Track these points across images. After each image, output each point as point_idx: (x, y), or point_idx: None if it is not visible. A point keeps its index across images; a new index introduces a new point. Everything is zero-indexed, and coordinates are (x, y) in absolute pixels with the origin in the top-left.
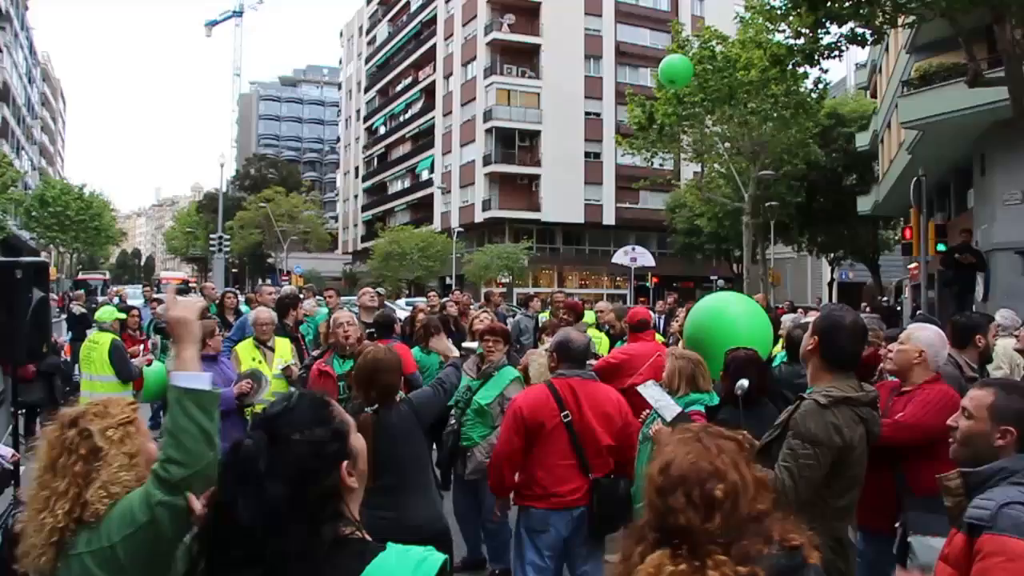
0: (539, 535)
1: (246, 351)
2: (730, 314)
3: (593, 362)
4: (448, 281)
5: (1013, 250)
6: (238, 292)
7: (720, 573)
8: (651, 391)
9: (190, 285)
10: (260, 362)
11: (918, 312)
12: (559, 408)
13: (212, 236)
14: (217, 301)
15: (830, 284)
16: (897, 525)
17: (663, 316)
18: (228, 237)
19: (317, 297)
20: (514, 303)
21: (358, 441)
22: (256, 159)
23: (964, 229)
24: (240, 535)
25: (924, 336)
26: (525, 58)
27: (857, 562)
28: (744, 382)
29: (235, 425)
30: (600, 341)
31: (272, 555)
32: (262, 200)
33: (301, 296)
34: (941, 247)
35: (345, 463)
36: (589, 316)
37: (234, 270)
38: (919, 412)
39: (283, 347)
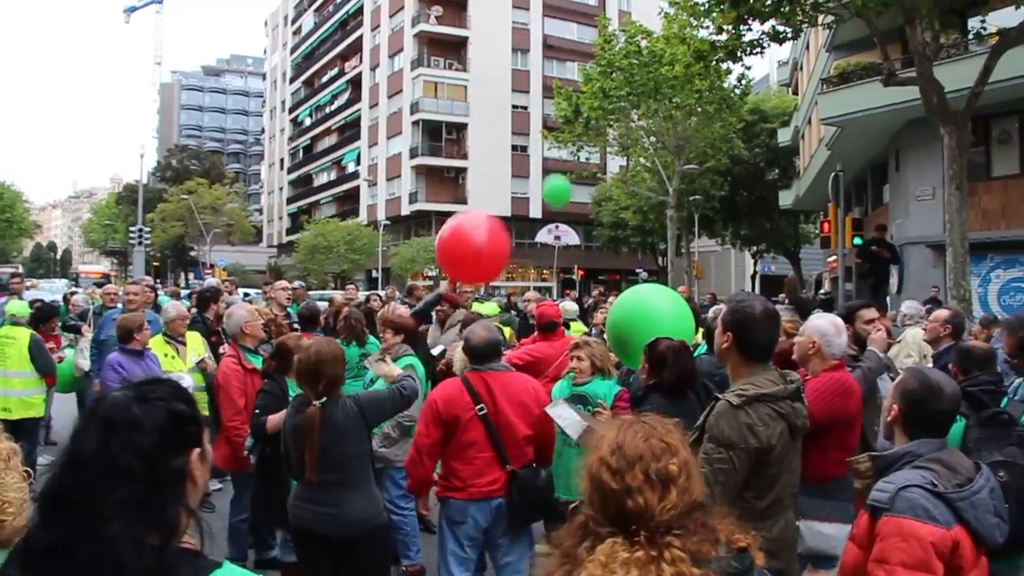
0: (459, 526)
1: (157, 347)
2: (653, 306)
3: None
4: (374, 274)
5: (925, 244)
6: (157, 286)
7: (676, 570)
8: (557, 410)
9: (110, 278)
10: (173, 357)
11: (827, 303)
12: (474, 401)
13: (132, 229)
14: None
15: (753, 277)
16: None
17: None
18: (149, 230)
19: (249, 291)
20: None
21: (208, 444)
22: (178, 150)
23: (879, 224)
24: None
25: (816, 326)
26: (452, 50)
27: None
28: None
29: None
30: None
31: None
32: (184, 192)
33: (224, 290)
34: (858, 241)
35: (198, 451)
36: (491, 308)
37: (155, 263)
38: (808, 401)
39: (195, 341)
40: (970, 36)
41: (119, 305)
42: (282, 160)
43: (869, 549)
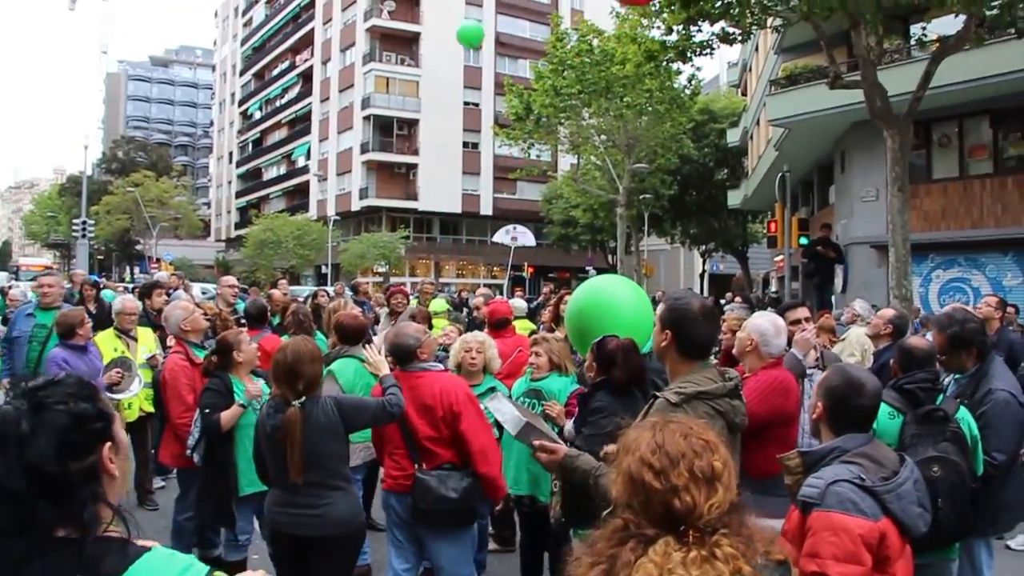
0: (390, 513)
1: (107, 341)
2: (614, 297)
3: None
4: (324, 270)
5: (869, 244)
6: (99, 282)
7: (732, 567)
8: (495, 404)
9: (53, 270)
10: (123, 352)
11: (776, 302)
12: None
13: (75, 221)
14: (78, 290)
15: (702, 275)
16: None
17: (538, 306)
18: (93, 222)
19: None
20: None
21: (121, 433)
22: (124, 141)
23: (824, 224)
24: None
25: (755, 324)
26: (405, 46)
27: None
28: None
29: None
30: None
31: (35, 529)
32: (130, 184)
33: (172, 285)
34: (804, 240)
35: (108, 445)
36: (439, 304)
37: (99, 257)
38: (746, 399)
39: (146, 336)
40: (912, 42)
41: (31, 302)
42: (231, 153)
43: (800, 544)
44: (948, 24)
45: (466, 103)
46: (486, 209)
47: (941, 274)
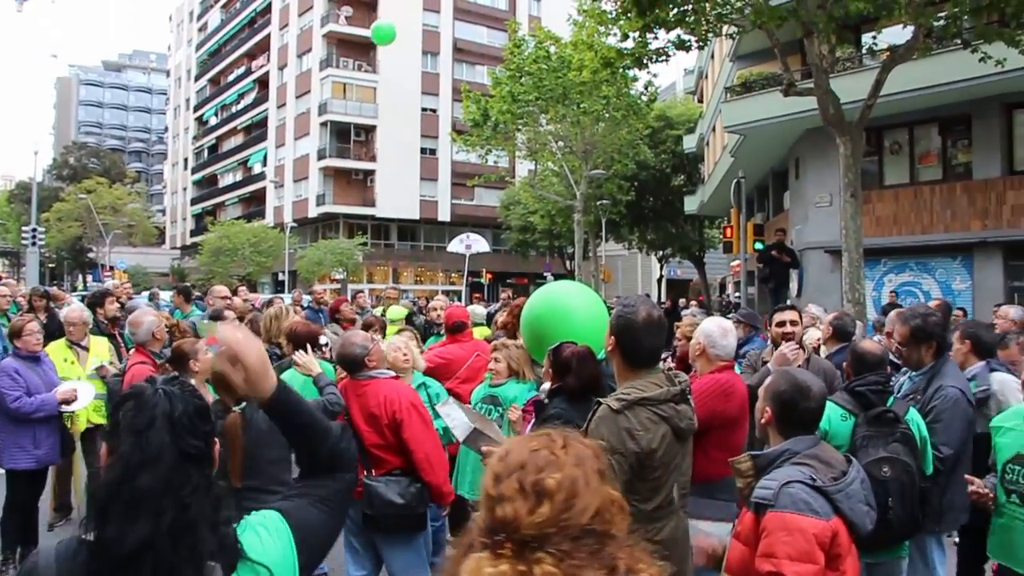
0: (346, 520)
1: (58, 352)
2: (570, 305)
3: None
4: (281, 277)
5: (823, 249)
6: (47, 292)
7: (547, 567)
8: (445, 410)
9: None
10: (72, 363)
11: (736, 307)
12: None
13: (25, 229)
14: (26, 300)
15: (659, 281)
16: None
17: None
18: (44, 230)
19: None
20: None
21: None
22: (76, 147)
23: (779, 229)
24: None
25: (703, 328)
26: (362, 51)
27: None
28: None
29: (52, 432)
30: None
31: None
32: (82, 191)
33: (120, 293)
34: (759, 245)
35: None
36: (399, 312)
37: (51, 265)
38: None
39: (99, 346)
40: (864, 51)
41: None
42: (186, 160)
43: (754, 546)
44: (898, 34)
45: (424, 109)
46: (444, 215)
47: (893, 278)
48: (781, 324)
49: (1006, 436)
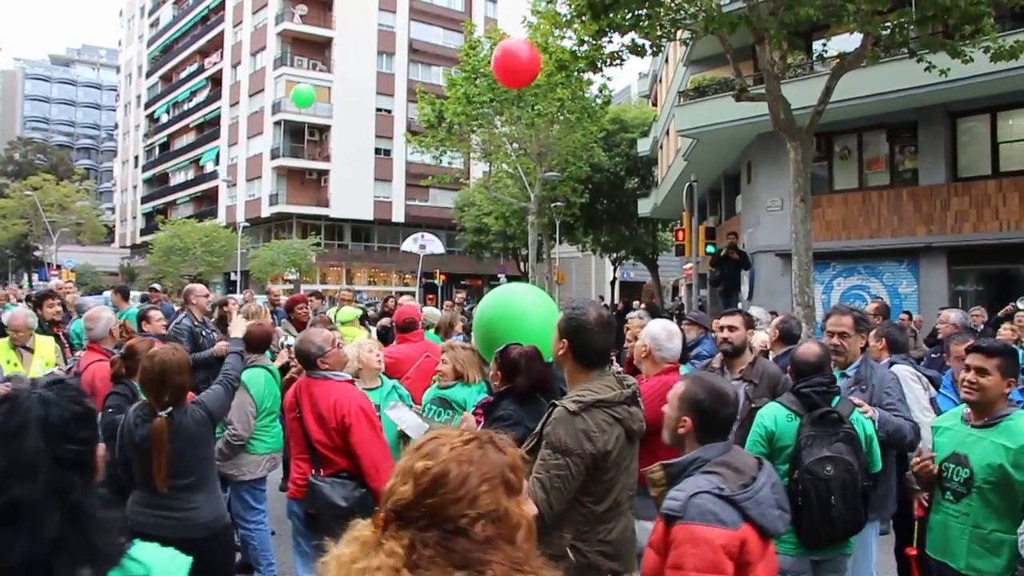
0: (294, 520)
1: (0, 353)
2: (521, 307)
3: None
4: (233, 277)
5: (774, 252)
6: None
7: (386, 563)
8: (395, 412)
9: None
10: (16, 364)
11: (683, 310)
12: (295, 405)
13: None
14: None
15: (612, 283)
16: None
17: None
18: None
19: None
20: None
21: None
22: (21, 143)
23: (731, 232)
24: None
25: (648, 331)
26: (317, 51)
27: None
28: None
29: None
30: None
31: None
32: (28, 188)
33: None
34: (711, 249)
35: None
36: (348, 313)
37: None
38: None
39: (45, 347)
40: (814, 58)
41: None
42: (136, 157)
43: (666, 555)
44: (847, 42)
45: (379, 109)
46: (398, 216)
47: (842, 281)
48: (721, 329)
49: (943, 436)
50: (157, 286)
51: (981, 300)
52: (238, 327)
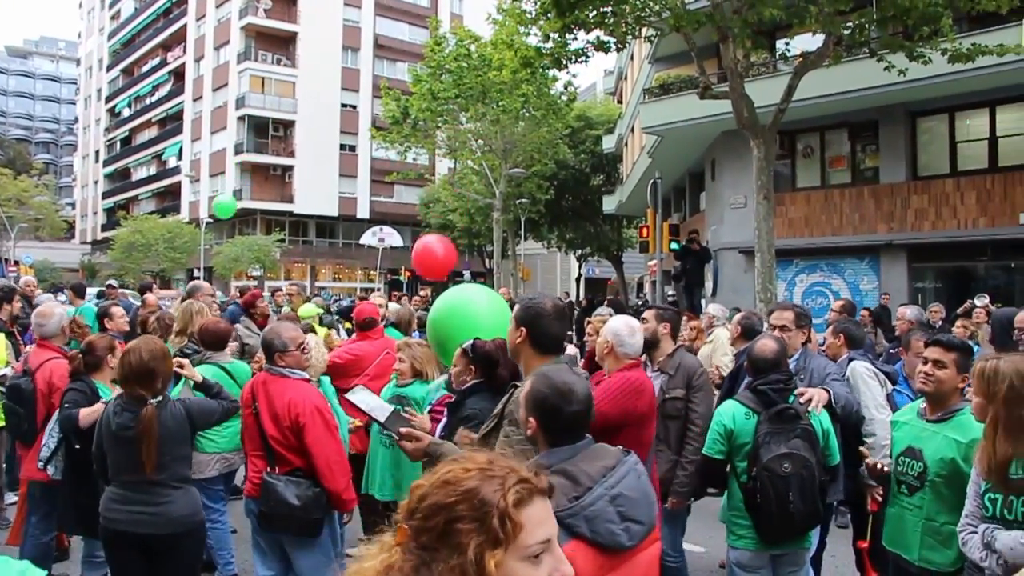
0: (252, 519)
1: None
2: (471, 306)
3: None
4: (196, 274)
5: (738, 249)
6: None
7: (391, 560)
8: (359, 396)
9: None
10: None
11: (644, 306)
12: (252, 400)
13: None
14: None
15: (578, 279)
16: None
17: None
18: None
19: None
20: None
21: None
22: None
23: (692, 230)
24: None
25: (610, 326)
26: (281, 45)
27: None
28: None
29: None
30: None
31: None
32: None
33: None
34: (674, 246)
35: None
36: (309, 309)
37: None
38: (598, 400)
39: None
40: (778, 56)
41: None
42: (97, 152)
43: None
44: (810, 41)
45: (343, 105)
46: (363, 212)
47: (804, 278)
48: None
49: (900, 430)
50: (114, 282)
51: (940, 296)
52: (194, 373)
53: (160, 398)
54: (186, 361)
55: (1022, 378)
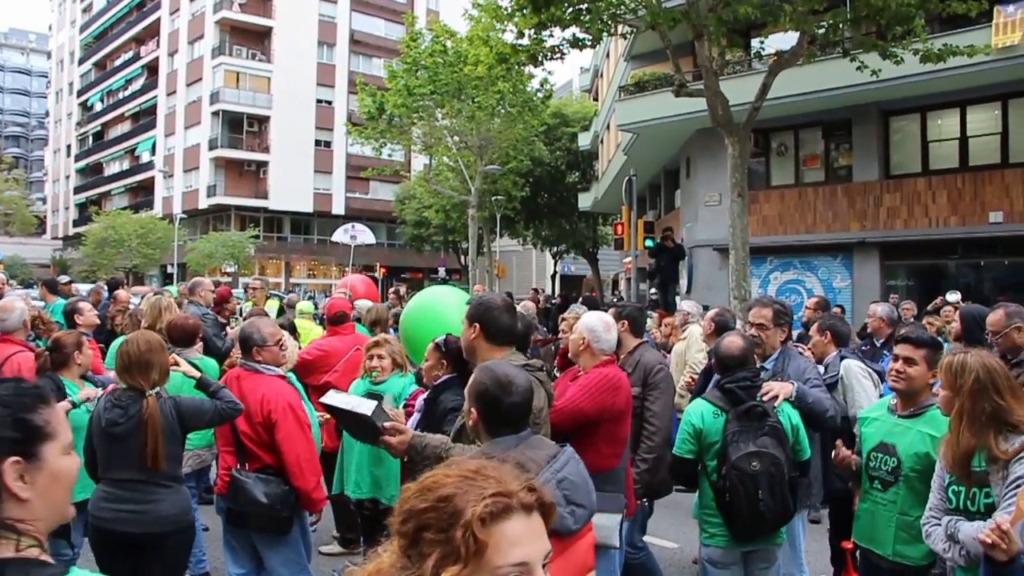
0: (222, 515)
1: None
2: (441, 307)
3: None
4: (170, 270)
5: (712, 247)
6: None
7: (388, 561)
8: (336, 398)
9: None
10: None
11: (619, 301)
12: None
13: None
14: None
15: (553, 276)
16: None
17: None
18: None
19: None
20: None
21: (54, 456)
22: None
23: (667, 227)
24: None
25: (585, 323)
26: (256, 40)
27: None
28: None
29: None
30: (309, 332)
31: None
32: None
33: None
34: (649, 243)
35: (11, 461)
36: (307, 306)
37: None
38: (576, 397)
39: None
40: (752, 55)
41: None
42: (69, 146)
43: None
44: (784, 40)
45: (319, 100)
46: (338, 208)
47: (778, 276)
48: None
49: (871, 426)
50: (66, 277)
51: (912, 294)
52: (191, 370)
53: (156, 391)
54: (182, 359)
55: (988, 372)
